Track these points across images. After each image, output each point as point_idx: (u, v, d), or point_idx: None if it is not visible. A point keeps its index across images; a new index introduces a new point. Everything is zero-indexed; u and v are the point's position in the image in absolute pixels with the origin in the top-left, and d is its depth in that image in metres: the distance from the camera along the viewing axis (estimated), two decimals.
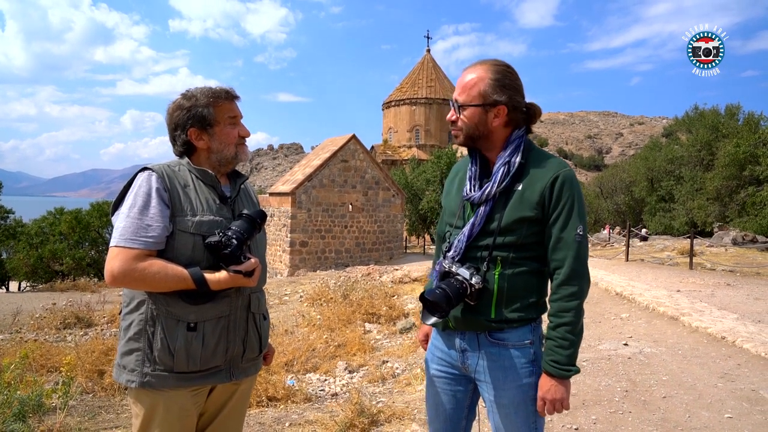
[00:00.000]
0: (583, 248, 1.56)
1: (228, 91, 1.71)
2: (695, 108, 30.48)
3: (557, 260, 1.56)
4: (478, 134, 1.62)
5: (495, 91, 1.57)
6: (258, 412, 4.08)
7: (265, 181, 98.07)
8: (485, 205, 1.60)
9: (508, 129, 1.64)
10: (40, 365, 5.36)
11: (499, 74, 1.59)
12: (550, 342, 1.56)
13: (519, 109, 1.62)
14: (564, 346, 1.53)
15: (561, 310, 1.55)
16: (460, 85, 1.63)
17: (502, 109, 1.59)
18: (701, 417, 3.58)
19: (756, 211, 19.89)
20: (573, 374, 1.55)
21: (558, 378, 1.54)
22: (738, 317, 6.61)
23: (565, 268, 1.54)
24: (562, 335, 1.54)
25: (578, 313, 1.55)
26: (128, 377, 1.57)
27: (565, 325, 1.54)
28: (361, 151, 23.65)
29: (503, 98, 1.57)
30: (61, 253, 24.50)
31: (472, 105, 1.59)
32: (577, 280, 1.54)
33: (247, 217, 1.63)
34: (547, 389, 1.56)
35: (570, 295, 1.54)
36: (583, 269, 1.56)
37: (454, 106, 1.63)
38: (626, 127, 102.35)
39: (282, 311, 10.21)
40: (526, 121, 1.66)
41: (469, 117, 1.61)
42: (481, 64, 1.63)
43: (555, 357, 1.54)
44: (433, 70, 44.81)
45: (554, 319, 1.56)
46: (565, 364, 1.53)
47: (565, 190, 1.55)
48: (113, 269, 1.50)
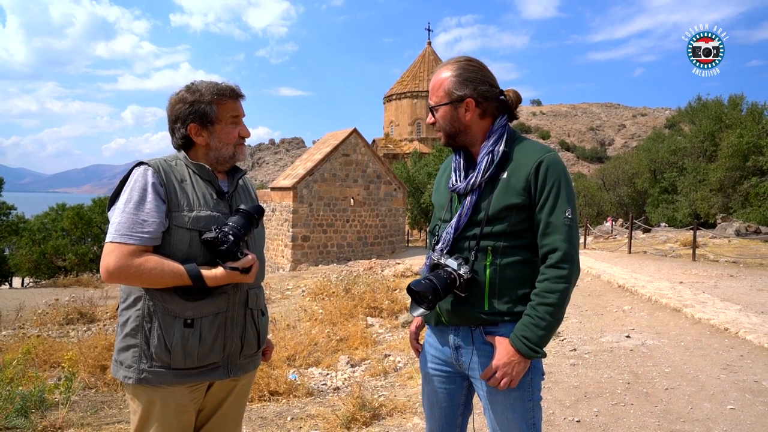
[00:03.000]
0: (573, 231, 1.52)
1: (233, 89, 1.68)
2: (698, 99, 30.36)
3: (547, 244, 1.53)
4: (455, 131, 1.65)
5: (457, 87, 1.60)
6: (260, 407, 4.09)
7: (266, 176, 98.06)
8: (471, 195, 1.59)
9: (487, 120, 1.64)
10: (42, 361, 5.39)
11: (459, 69, 1.62)
12: (526, 318, 1.51)
13: (490, 99, 1.62)
14: (540, 325, 1.49)
15: (546, 290, 1.50)
16: (430, 89, 1.67)
17: (470, 102, 1.61)
18: (703, 408, 3.58)
19: (759, 202, 19.83)
20: (538, 357, 1.51)
21: (522, 355, 1.50)
22: (741, 308, 6.59)
23: (557, 252, 1.50)
24: (542, 315, 1.49)
25: (563, 298, 1.50)
26: (125, 373, 1.56)
27: (547, 306, 1.49)
28: (363, 144, 23.60)
29: (466, 91, 1.60)
30: (63, 249, 24.62)
31: (441, 104, 1.63)
32: (567, 264, 1.50)
33: (244, 213, 1.61)
34: (506, 361, 1.51)
35: (558, 277, 1.50)
36: (574, 253, 1.52)
37: (431, 110, 1.67)
38: (629, 118, 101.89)
39: (284, 306, 10.23)
40: (503, 109, 1.66)
41: (443, 117, 1.64)
42: (444, 65, 1.66)
43: (527, 333, 1.49)
44: (434, 62, 44.62)
45: (536, 298, 1.51)
46: (534, 344, 1.49)
47: (550, 173, 1.53)
48: (109, 265, 1.49)
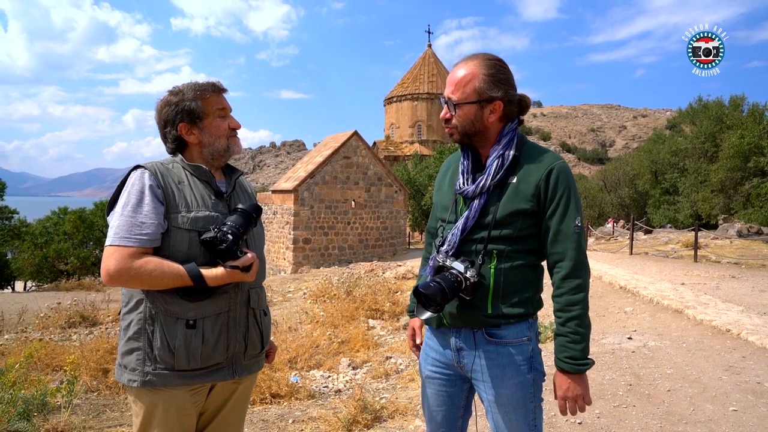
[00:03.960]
0: (582, 240, 1.56)
1: (214, 83, 1.70)
2: (699, 100, 30.36)
3: (558, 253, 1.55)
4: (474, 131, 1.61)
5: (491, 87, 1.55)
6: (261, 409, 4.09)
7: (267, 179, 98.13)
8: (479, 199, 1.58)
9: (502, 123, 1.63)
10: (45, 364, 5.39)
11: (492, 69, 1.57)
12: (562, 338, 1.54)
13: (513, 103, 1.61)
14: (576, 340, 1.51)
15: (569, 304, 1.52)
16: (452, 82, 1.59)
17: (498, 104, 1.58)
18: (706, 410, 3.57)
19: (761, 203, 19.79)
20: (589, 367, 1.52)
21: (575, 374, 1.52)
22: (743, 309, 6.57)
23: (567, 261, 1.53)
24: (573, 330, 1.51)
25: (585, 305, 1.53)
26: (130, 377, 1.57)
27: (575, 319, 1.52)
28: (363, 147, 23.62)
29: (499, 93, 1.56)
30: (65, 252, 24.64)
31: (468, 102, 1.57)
32: (581, 272, 1.53)
33: (243, 212, 1.62)
34: (567, 387, 1.53)
35: (576, 287, 1.52)
36: (585, 260, 1.56)
37: (448, 104, 1.60)
38: (629, 119, 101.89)
39: (285, 308, 10.23)
40: (518, 113, 1.66)
41: (465, 114, 1.58)
42: (472, 59, 1.59)
43: (569, 353, 1.51)
44: (434, 65, 44.66)
45: (562, 314, 1.54)
46: (580, 359, 1.51)
47: (561, 182, 1.54)
48: (109, 268, 1.49)
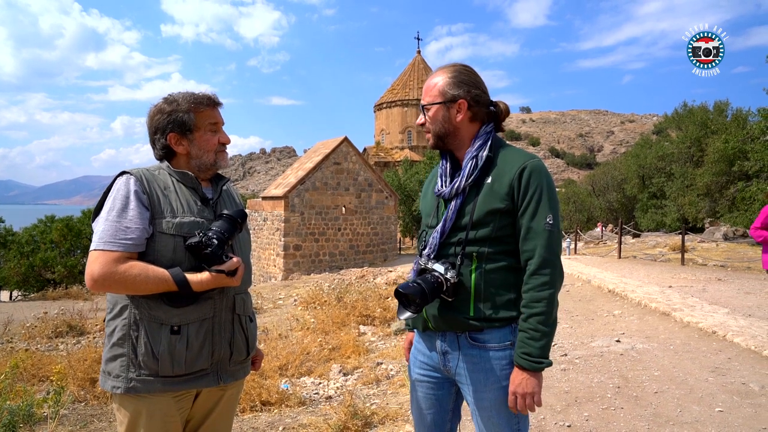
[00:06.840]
0: (554, 237, 1.54)
1: (210, 97, 1.71)
2: (684, 105, 30.80)
3: (528, 251, 1.55)
4: (445, 132, 1.67)
5: (452, 87, 1.64)
6: (252, 417, 4.06)
7: (257, 185, 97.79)
8: (456, 200, 1.62)
9: (475, 125, 1.68)
10: (31, 375, 5.31)
11: (455, 72, 1.66)
12: (522, 334, 1.54)
13: (481, 104, 1.66)
14: (536, 337, 1.51)
15: (532, 300, 1.52)
16: (424, 90, 1.72)
17: (462, 103, 1.64)
18: (692, 411, 3.61)
19: (746, 206, 20.06)
20: (545, 367, 1.53)
21: (530, 371, 1.51)
22: (729, 311, 6.65)
23: (536, 258, 1.53)
24: (534, 326, 1.51)
25: (551, 304, 1.52)
26: (113, 383, 1.56)
27: (537, 315, 1.51)
28: (354, 153, 23.65)
29: (460, 92, 1.64)
30: (52, 261, 24.35)
31: (434, 103, 1.66)
32: (548, 269, 1.52)
33: (228, 217, 1.63)
34: (519, 383, 1.52)
35: (541, 284, 1.52)
36: (554, 258, 1.54)
37: (423, 110, 1.71)
38: (617, 125, 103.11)
39: (276, 315, 10.17)
40: (492, 118, 1.70)
41: (434, 116, 1.67)
42: (439, 69, 1.71)
43: (527, 349, 1.51)
44: (424, 71, 44.94)
45: (526, 310, 1.53)
46: (537, 357, 1.50)
47: (533, 179, 1.55)
48: (93, 272, 1.49)
